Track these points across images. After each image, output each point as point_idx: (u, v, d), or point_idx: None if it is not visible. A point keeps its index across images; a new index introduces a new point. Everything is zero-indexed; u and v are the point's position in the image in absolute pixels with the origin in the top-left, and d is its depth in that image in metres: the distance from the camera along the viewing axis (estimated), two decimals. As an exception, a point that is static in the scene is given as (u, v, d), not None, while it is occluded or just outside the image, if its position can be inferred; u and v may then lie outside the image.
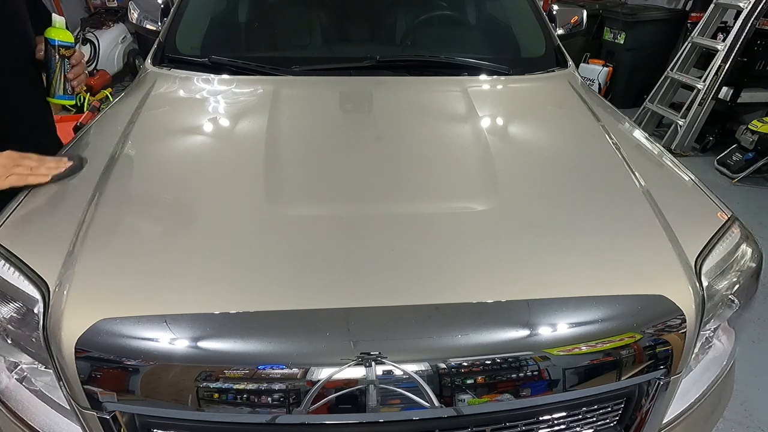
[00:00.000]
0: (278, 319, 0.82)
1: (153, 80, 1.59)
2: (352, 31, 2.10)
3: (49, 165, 1.13)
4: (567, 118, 1.53)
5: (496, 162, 1.22)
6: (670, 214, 1.06)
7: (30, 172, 1.11)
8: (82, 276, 0.86)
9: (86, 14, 5.76)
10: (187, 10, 1.89)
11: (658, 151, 1.39)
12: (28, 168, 1.10)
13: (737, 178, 3.70)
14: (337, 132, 1.38)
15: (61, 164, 1.14)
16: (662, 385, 0.96)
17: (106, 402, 0.83)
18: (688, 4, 4.98)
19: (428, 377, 0.81)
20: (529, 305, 0.86)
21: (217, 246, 0.94)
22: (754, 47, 3.83)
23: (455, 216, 1.05)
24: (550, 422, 0.95)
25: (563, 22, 2.21)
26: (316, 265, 0.90)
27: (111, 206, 1.03)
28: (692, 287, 0.92)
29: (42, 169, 1.12)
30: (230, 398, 0.80)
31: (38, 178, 1.11)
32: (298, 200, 1.09)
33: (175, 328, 0.80)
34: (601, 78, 5.09)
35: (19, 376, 0.99)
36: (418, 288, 0.87)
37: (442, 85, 1.66)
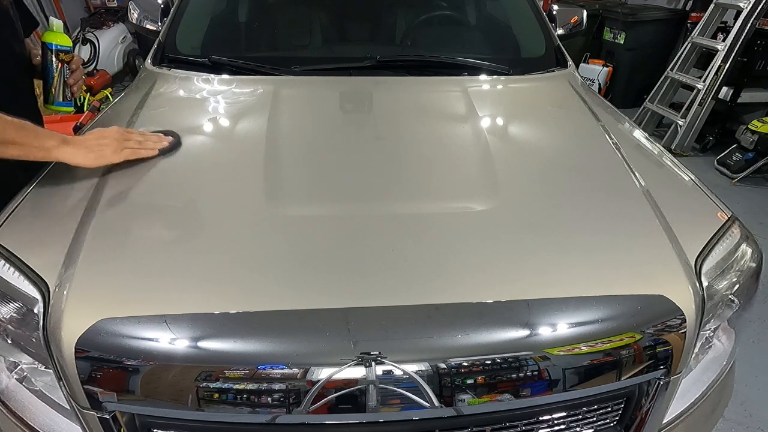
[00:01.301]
0: (278, 319, 0.82)
1: (153, 80, 1.59)
2: (352, 31, 2.10)
3: (154, 139, 1.21)
4: (567, 118, 1.53)
5: (496, 162, 1.22)
6: (670, 214, 1.06)
7: (139, 146, 1.17)
8: (82, 276, 0.86)
9: (86, 14, 5.76)
10: (187, 10, 1.89)
11: (658, 151, 1.39)
12: (137, 142, 1.17)
13: (737, 178, 3.70)
14: (336, 132, 1.38)
15: (163, 140, 1.22)
16: (662, 385, 0.96)
17: (106, 402, 0.83)
18: (688, 4, 4.98)
19: (428, 377, 0.81)
20: (529, 305, 0.86)
21: (217, 246, 0.94)
22: (754, 47, 3.83)
23: (455, 216, 1.05)
24: (550, 422, 0.95)
25: (563, 22, 2.21)
26: (316, 265, 0.90)
27: (111, 206, 1.03)
28: (692, 287, 0.92)
29: (149, 143, 1.19)
30: (230, 398, 0.80)
31: (148, 152, 1.18)
32: (298, 200, 1.09)
33: (175, 328, 0.80)
34: (601, 78, 5.09)
35: (19, 376, 0.99)
36: (418, 288, 0.87)
37: (442, 85, 1.66)
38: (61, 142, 1.08)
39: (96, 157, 1.12)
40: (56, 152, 1.08)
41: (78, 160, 1.10)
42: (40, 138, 1.07)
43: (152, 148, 1.19)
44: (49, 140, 1.07)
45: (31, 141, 1.05)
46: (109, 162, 1.13)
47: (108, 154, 1.13)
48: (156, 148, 1.19)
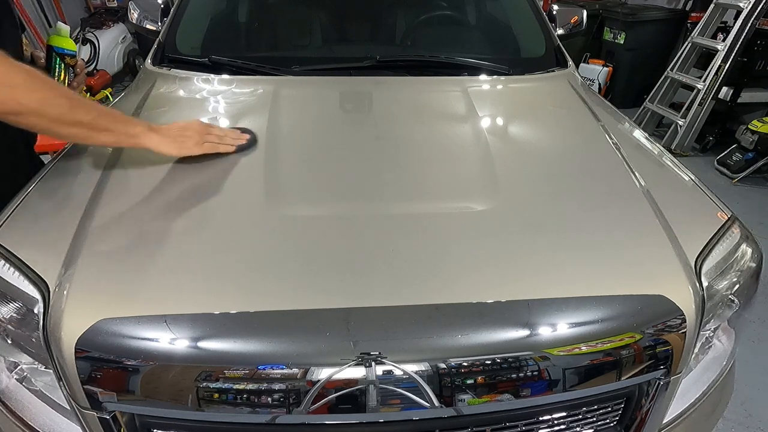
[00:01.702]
0: (278, 319, 0.82)
1: (153, 80, 1.59)
2: (352, 31, 2.10)
3: (232, 135, 1.23)
4: (567, 118, 1.53)
5: (496, 162, 1.22)
6: (670, 214, 1.06)
7: (219, 141, 1.20)
8: (82, 276, 0.86)
9: (86, 14, 5.77)
10: (187, 10, 1.89)
11: (658, 151, 1.39)
12: (217, 137, 1.20)
13: (737, 178, 3.70)
14: (336, 132, 1.38)
15: (241, 137, 1.25)
16: (662, 385, 0.96)
17: (106, 402, 0.83)
18: (688, 4, 4.98)
19: (428, 377, 0.81)
20: (529, 305, 0.86)
21: (217, 246, 0.94)
22: (754, 47, 3.83)
23: (455, 216, 1.05)
24: (550, 422, 0.95)
25: (563, 22, 2.21)
26: (316, 265, 0.90)
27: (111, 206, 1.03)
28: (692, 287, 0.92)
29: (227, 139, 1.22)
30: (230, 398, 0.80)
31: (226, 148, 1.21)
32: (298, 200, 1.09)
33: (175, 328, 0.80)
34: (601, 78, 5.09)
35: (19, 376, 0.99)
36: (418, 288, 0.87)
37: (442, 85, 1.66)
38: (148, 129, 1.12)
39: (179, 147, 1.15)
40: (143, 138, 1.11)
41: (162, 148, 1.14)
42: (129, 125, 1.11)
43: (231, 144, 1.22)
44: (137, 127, 1.12)
45: (121, 128, 1.09)
46: (190, 153, 1.17)
47: (190, 146, 1.16)
48: (234, 145, 1.22)
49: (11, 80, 0.92)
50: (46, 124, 0.99)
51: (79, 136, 1.06)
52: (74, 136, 1.05)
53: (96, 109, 1.06)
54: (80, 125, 1.03)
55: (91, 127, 1.04)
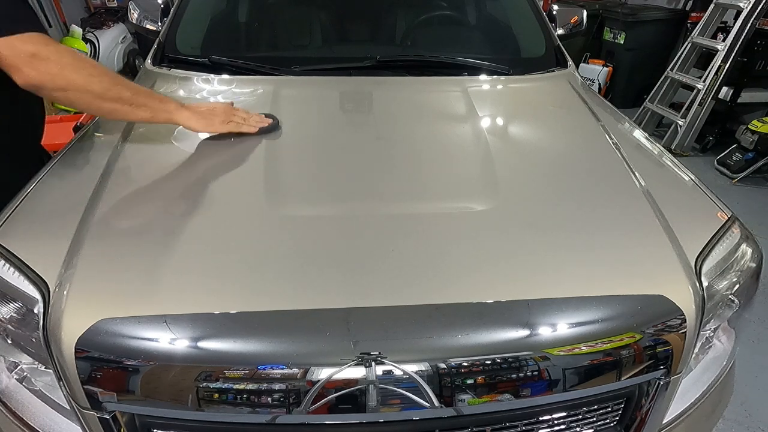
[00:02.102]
0: (278, 319, 0.82)
1: (153, 80, 1.59)
2: (352, 31, 2.10)
3: (255, 119, 1.30)
4: (567, 118, 1.53)
5: (496, 162, 1.22)
6: (670, 214, 1.06)
7: (243, 122, 1.27)
8: (82, 276, 0.86)
9: (86, 14, 5.76)
10: (187, 10, 1.89)
11: (658, 151, 1.39)
12: (241, 118, 1.28)
13: (737, 178, 3.70)
14: (337, 132, 1.38)
15: (264, 120, 1.31)
16: (662, 385, 0.96)
17: (106, 402, 0.83)
18: (688, 4, 4.98)
19: (428, 377, 0.81)
20: (529, 305, 0.86)
21: (217, 246, 0.94)
22: (754, 47, 3.83)
23: (455, 216, 1.05)
24: (550, 422, 0.95)
25: (563, 22, 2.21)
26: (316, 265, 0.90)
27: (111, 206, 1.03)
28: (692, 287, 0.92)
29: (251, 121, 1.29)
30: (230, 398, 0.80)
31: (249, 128, 1.28)
32: (298, 200, 1.09)
33: (175, 328, 0.80)
34: (601, 78, 5.09)
35: (19, 376, 0.99)
36: (419, 288, 0.87)
37: (442, 85, 1.66)
38: (180, 106, 1.22)
39: (207, 123, 1.24)
40: (176, 114, 1.21)
41: (191, 123, 1.23)
42: (164, 102, 1.21)
43: (254, 125, 1.28)
44: (171, 104, 1.22)
45: (157, 105, 1.19)
46: (215, 131, 1.26)
47: (216, 123, 1.25)
48: (257, 127, 1.28)
49: (61, 59, 1.03)
50: (89, 100, 1.09)
51: (120, 112, 1.14)
52: (115, 111, 1.14)
53: (134, 87, 1.16)
54: (121, 101, 1.12)
55: (130, 103, 1.14)
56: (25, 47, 1.00)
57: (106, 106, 1.12)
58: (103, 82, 1.09)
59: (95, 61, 1.17)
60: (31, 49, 1.01)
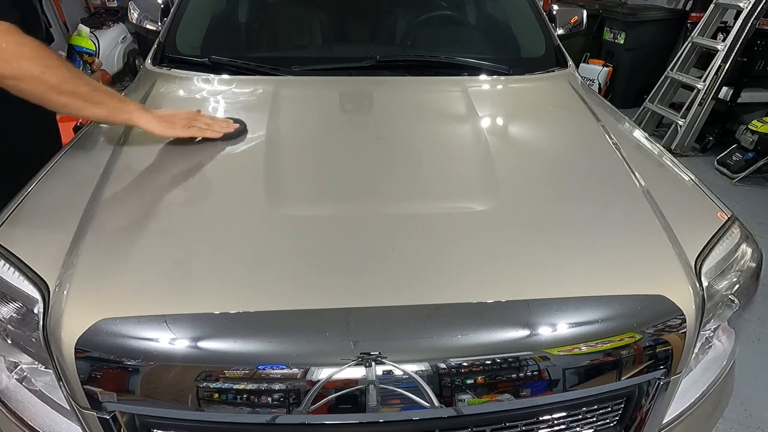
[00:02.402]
0: (278, 319, 0.82)
1: (153, 80, 1.59)
2: (352, 31, 2.10)
3: (220, 124, 1.27)
4: (567, 118, 1.53)
5: (496, 162, 1.22)
6: (670, 214, 1.06)
7: (207, 127, 1.25)
8: (82, 276, 0.86)
9: (86, 14, 5.77)
10: (187, 10, 1.89)
11: (658, 151, 1.39)
12: (204, 124, 1.25)
13: (737, 178, 3.70)
14: (337, 132, 1.38)
15: (230, 126, 1.28)
16: (662, 385, 0.96)
17: (106, 402, 0.83)
18: (688, 4, 4.98)
19: (428, 377, 0.81)
20: (529, 305, 0.86)
21: (218, 246, 0.94)
22: (754, 47, 3.83)
23: (455, 216, 1.05)
24: (550, 422, 0.95)
25: (563, 22, 2.21)
26: (316, 265, 0.90)
27: (111, 206, 1.03)
28: (692, 287, 0.92)
29: (216, 126, 1.26)
30: (230, 398, 0.80)
31: (213, 134, 1.25)
32: (298, 200, 1.09)
33: (175, 328, 0.80)
34: (601, 78, 5.09)
35: (19, 376, 0.99)
36: (418, 288, 0.87)
37: (442, 85, 1.66)
38: (140, 108, 1.20)
39: (167, 126, 1.22)
40: (135, 116, 1.19)
41: (151, 126, 1.20)
42: (123, 103, 1.18)
43: (218, 131, 1.26)
44: (130, 105, 1.19)
45: (115, 104, 1.17)
46: (177, 135, 1.23)
47: (177, 128, 1.22)
48: (222, 132, 1.26)
49: (19, 49, 1.02)
50: (43, 91, 1.06)
51: (73, 107, 1.11)
52: (69, 105, 1.11)
53: (93, 84, 1.13)
54: (76, 95, 1.09)
55: (86, 99, 1.11)
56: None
57: (60, 99, 1.09)
58: (60, 74, 1.06)
59: (57, 54, 1.15)
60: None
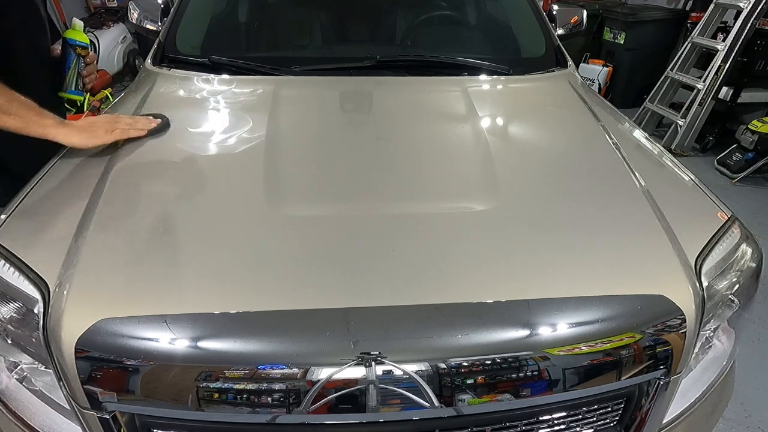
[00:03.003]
0: (278, 319, 0.82)
1: (153, 80, 1.59)
2: (352, 31, 2.10)
3: (142, 122, 1.28)
4: (567, 118, 1.53)
5: (496, 162, 1.22)
6: (670, 214, 1.06)
7: (129, 127, 1.25)
8: (82, 276, 0.86)
9: (86, 14, 5.77)
10: (187, 10, 1.89)
11: (658, 151, 1.39)
12: (127, 124, 1.25)
13: (737, 178, 3.70)
14: (337, 132, 1.38)
15: (152, 122, 1.29)
16: (662, 385, 0.96)
17: (106, 402, 0.83)
18: (688, 4, 4.98)
19: (428, 377, 0.81)
20: (529, 305, 0.86)
21: (218, 246, 0.94)
22: (754, 47, 3.83)
23: (455, 216, 1.05)
24: (550, 422, 0.95)
25: (563, 22, 2.21)
26: (316, 265, 0.90)
27: (111, 206, 1.03)
28: (692, 287, 0.92)
29: (138, 125, 1.26)
30: (230, 398, 0.80)
31: (138, 132, 1.25)
32: (298, 200, 1.09)
33: (175, 328, 0.80)
34: (601, 78, 5.09)
35: (19, 376, 0.99)
36: (418, 288, 0.87)
37: (442, 85, 1.66)
38: (58, 123, 1.17)
39: (89, 136, 1.19)
40: (53, 130, 1.16)
41: (72, 140, 1.17)
42: (39, 116, 1.15)
43: (142, 129, 1.26)
44: (48, 119, 1.16)
45: (31, 117, 1.14)
46: (101, 142, 1.20)
47: (100, 134, 1.20)
48: (145, 129, 1.26)
49: None
50: None
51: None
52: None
53: (10, 95, 1.12)
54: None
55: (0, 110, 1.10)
56: None
57: None
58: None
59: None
60: None
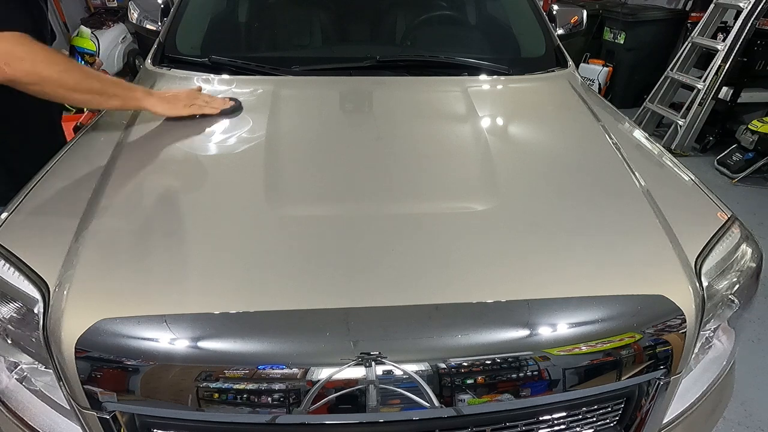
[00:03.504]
0: (278, 319, 0.82)
1: (153, 80, 1.59)
2: (352, 31, 2.10)
3: (218, 102, 1.40)
4: (567, 118, 1.53)
5: (496, 162, 1.22)
6: (670, 214, 1.06)
7: (205, 104, 1.38)
8: (82, 276, 0.86)
9: (86, 14, 5.77)
10: (187, 10, 1.89)
11: (658, 151, 1.39)
12: (203, 102, 1.38)
13: (737, 178, 3.70)
14: (337, 132, 1.38)
15: (226, 103, 1.41)
16: (662, 385, 0.96)
17: (106, 402, 0.83)
18: (688, 4, 4.97)
19: (428, 377, 0.81)
20: (529, 305, 0.86)
21: (218, 246, 0.94)
22: (754, 47, 3.83)
23: (455, 216, 1.05)
24: (550, 422, 0.95)
25: (563, 22, 2.21)
26: (316, 265, 0.90)
27: (111, 206, 1.03)
28: (692, 287, 0.92)
29: (214, 103, 1.39)
30: (230, 398, 0.80)
31: (212, 110, 1.38)
32: (299, 200, 1.09)
33: (175, 328, 0.80)
34: (601, 78, 5.08)
35: (19, 376, 0.99)
36: (419, 288, 0.87)
37: (442, 85, 1.66)
38: (146, 94, 1.33)
39: (171, 107, 1.34)
40: (144, 101, 1.31)
41: (158, 109, 1.33)
42: (131, 90, 1.31)
43: (215, 108, 1.38)
44: (138, 92, 1.32)
45: (127, 94, 1.29)
46: (180, 113, 1.35)
47: (180, 107, 1.35)
48: (219, 109, 1.38)
49: (34, 57, 1.11)
50: (63, 93, 1.18)
51: (92, 102, 1.26)
52: (88, 101, 1.26)
53: (103, 78, 1.27)
54: (93, 92, 1.22)
55: (101, 93, 1.24)
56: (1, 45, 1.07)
57: (78, 97, 1.22)
58: (75, 76, 1.18)
59: (66, 57, 1.26)
60: (6, 47, 1.08)
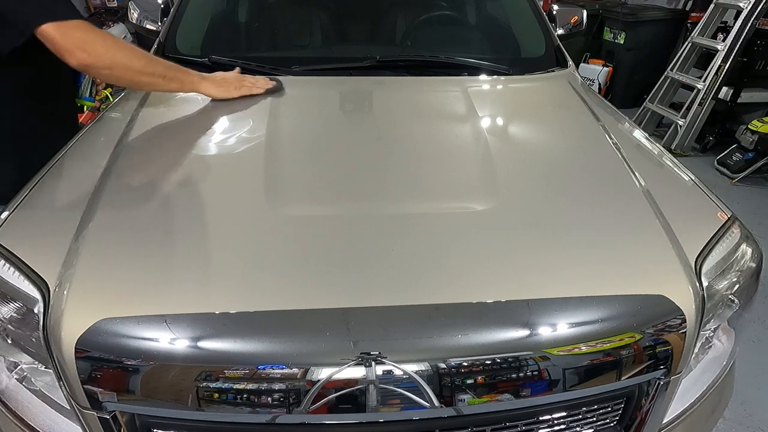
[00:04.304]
0: (278, 319, 0.82)
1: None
2: (352, 31, 2.10)
3: (263, 82, 1.50)
4: (567, 118, 1.53)
5: (496, 162, 1.22)
6: (670, 214, 1.06)
7: (252, 85, 1.48)
8: (82, 276, 0.86)
9: (86, 14, 5.77)
10: (187, 10, 1.89)
11: (658, 151, 1.39)
12: (250, 83, 1.48)
13: (737, 178, 3.70)
14: (337, 132, 1.38)
15: (269, 83, 1.50)
16: (662, 385, 0.96)
17: (106, 402, 0.83)
18: (688, 4, 4.97)
19: (428, 377, 0.81)
20: (529, 305, 0.86)
21: (218, 246, 0.94)
22: (754, 47, 3.83)
23: (455, 216, 1.05)
24: (550, 422, 0.95)
25: (563, 22, 2.21)
26: (316, 265, 0.90)
27: (111, 206, 1.03)
28: (692, 287, 0.92)
29: (259, 83, 1.49)
30: (230, 398, 0.80)
31: (259, 90, 1.48)
32: (299, 200, 1.09)
33: (175, 328, 0.80)
34: (601, 78, 5.08)
35: (19, 376, 0.99)
36: (418, 288, 0.87)
37: (442, 85, 1.66)
38: (201, 78, 1.42)
39: (224, 90, 1.45)
40: (199, 85, 1.41)
41: (211, 92, 1.43)
42: (188, 75, 1.40)
43: (262, 87, 1.48)
44: (193, 76, 1.41)
45: (184, 77, 1.38)
46: (231, 95, 1.45)
47: (231, 90, 1.45)
48: (264, 89, 1.48)
49: (105, 43, 1.20)
50: (131, 75, 1.27)
51: (155, 84, 1.34)
52: (152, 84, 1.34)
53: (164, 63, 1.36)
54: (156, 75, 1.31)
55: (163, 76, 1.32)
56: (76, 33, 1.15)
57: (144, 80, 1.30)
58: (141, 60, 1.27)
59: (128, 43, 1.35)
60: (81, 35, 1.15)
